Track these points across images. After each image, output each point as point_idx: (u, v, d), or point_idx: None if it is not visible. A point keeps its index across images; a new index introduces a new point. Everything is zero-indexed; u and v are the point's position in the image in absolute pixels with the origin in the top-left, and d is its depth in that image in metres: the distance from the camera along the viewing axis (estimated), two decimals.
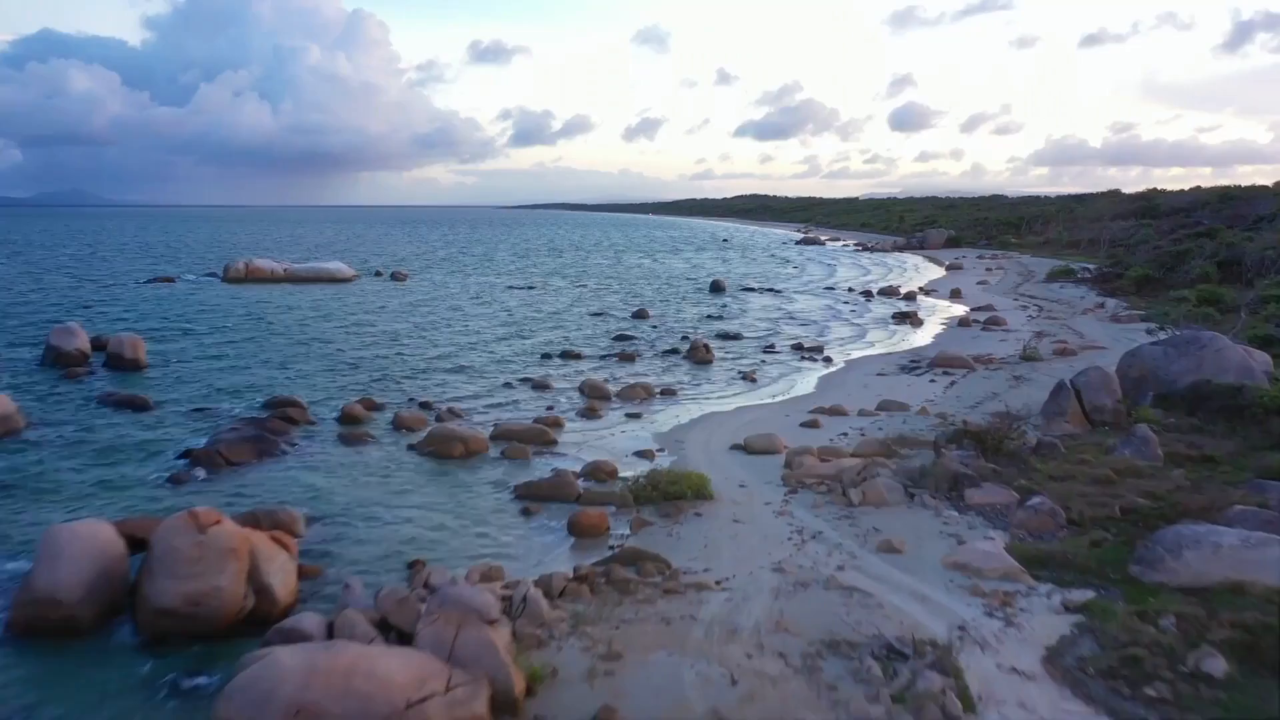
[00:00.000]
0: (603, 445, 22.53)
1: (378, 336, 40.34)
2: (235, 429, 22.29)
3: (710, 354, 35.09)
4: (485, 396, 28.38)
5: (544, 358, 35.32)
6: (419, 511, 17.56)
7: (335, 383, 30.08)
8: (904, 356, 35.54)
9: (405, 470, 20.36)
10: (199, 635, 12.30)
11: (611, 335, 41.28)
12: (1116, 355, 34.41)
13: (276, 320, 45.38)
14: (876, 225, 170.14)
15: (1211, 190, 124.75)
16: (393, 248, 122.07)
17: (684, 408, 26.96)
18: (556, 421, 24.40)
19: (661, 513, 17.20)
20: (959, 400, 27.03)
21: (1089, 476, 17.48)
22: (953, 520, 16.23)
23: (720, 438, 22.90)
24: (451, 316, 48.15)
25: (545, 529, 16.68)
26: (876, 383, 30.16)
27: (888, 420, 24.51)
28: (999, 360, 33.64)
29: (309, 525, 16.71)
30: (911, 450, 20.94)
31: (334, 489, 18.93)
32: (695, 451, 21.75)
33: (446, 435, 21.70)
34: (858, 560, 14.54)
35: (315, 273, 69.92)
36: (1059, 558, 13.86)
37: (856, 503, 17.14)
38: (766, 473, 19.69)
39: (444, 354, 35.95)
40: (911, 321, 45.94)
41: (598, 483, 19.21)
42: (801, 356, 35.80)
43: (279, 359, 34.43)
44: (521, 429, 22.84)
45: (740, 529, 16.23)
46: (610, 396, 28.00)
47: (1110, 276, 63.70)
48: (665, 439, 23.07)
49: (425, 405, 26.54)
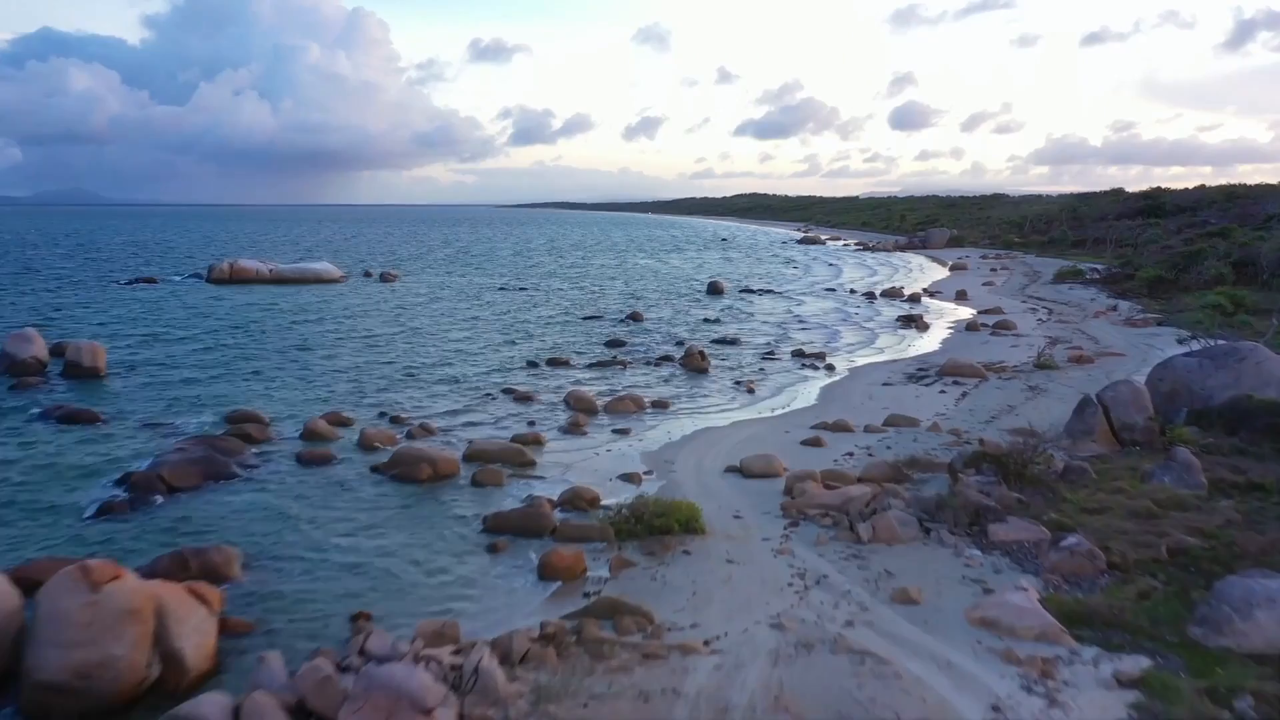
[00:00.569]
0: (586, 467, 20.57)
1: (357, 342, 38.38)
2: (182, 449, 20.34)
3: (706, 362, 33.14)
4: (464, 409, 26.41)
5: (530, 365, 33.36)
6: (374, 548, 15.60)
7: (305, 394, 28.13)
8: (911, 364, 33.60)
9: (365, 497, 18.40)
10: (90, 713, 10.36)
11: (603, 341, 39.31)
12: (1136, 363, 32.61)
13: (254, 324, 43.43)
14: (877, 224, 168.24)
15: (1217, 189, 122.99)
16: (389, 247, 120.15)
17: (676, 422, 25.00)
18: (536, 439, 22.44)
19: (646, 550, 15.26)
20: (972, 414, 25.08)
21: (1127, 509, 15.54)
22: (975, 561, 14.29)
23: (714, 458, 20.95)
24: (438, 320, 46.20)
25: (514, 570, 14.73)
26: (883, 394, 28.20)
27: (897, 437, 22.56)
28: (1012, 369, 31.69)
29: (246, 566, 14.77)
30: (924, 474, 19.02)
31: (282, 520, 16.97)
32: (686, 475, 19.80)
33: (413, 456, 19.74)
34: (869, 614, 12.60)
35: (301, 273, 67.98)
36: (1104, 614, 11.91)
37: (866, 539, 15.20)
38: (765, 500, 17.75)
39: (424, 362, 34.00)
40: (917, 325, 43.98)
41: (577, 512, 17.27)
42: (802, 364, 33.84)
43: (250, 367, 32.47)
44: (497, 449, 20.88)
45: (734, 571, 14.29)
46: (597, 410, 26.04)
47: (1120, 277, 61.79)
48: (654, 459, 21.11)
49: (397, 420, 24.60)
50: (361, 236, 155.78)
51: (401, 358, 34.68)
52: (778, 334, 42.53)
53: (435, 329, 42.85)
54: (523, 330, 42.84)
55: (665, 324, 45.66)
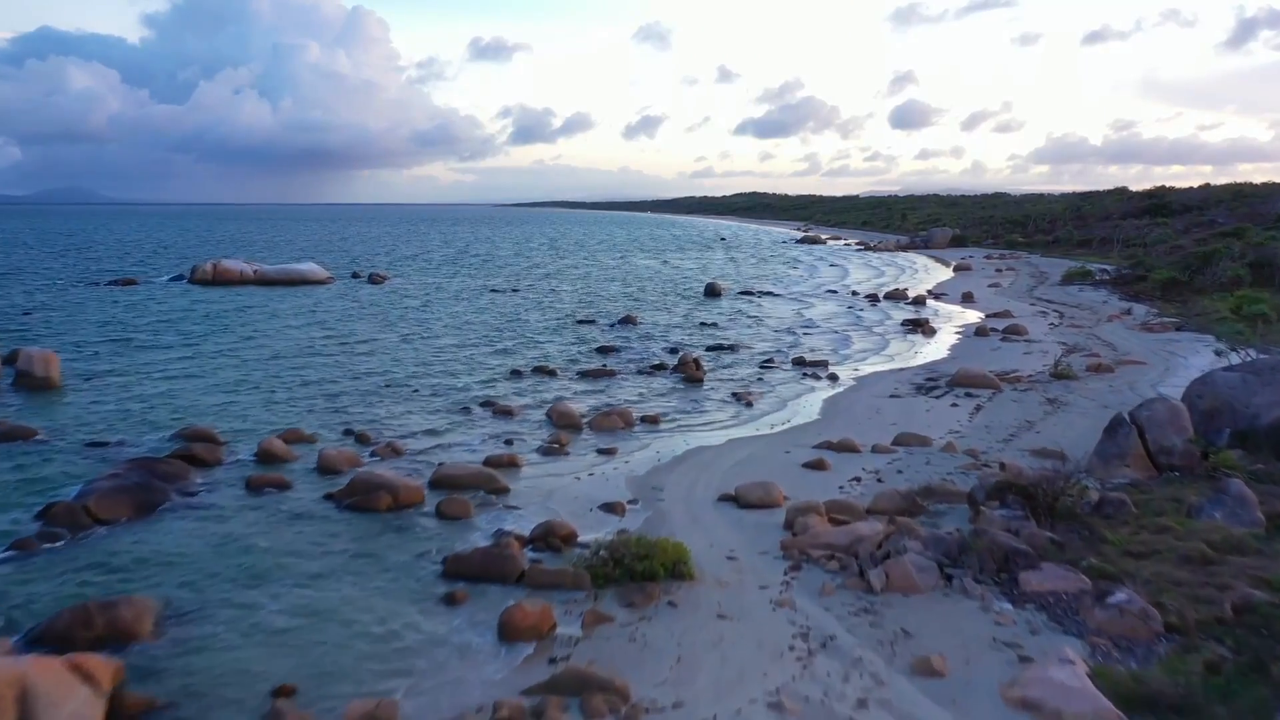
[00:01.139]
0: (565, 494, 18.56)
1: (333, 349, 36.37)
2: (117, 475, 18.32)
3: (701, 371, 31.15)
4: (438, 425, 24.42)
5: (514, 375, 31.35)
6: (313, 599, 13.58)
7: (270, 407, 26.13)
8: (919, 373, 31.60)
9: (313, 532, 16.40)
10: None
11: (594, 347, 37.30)
12: (1158, 371, 30.62)
13: (229, 330, 41.44)
14: (878, 224, 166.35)
15: (1224, 188, 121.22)
16: (388, 246, 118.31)
17: (667, 440, 23.01)
18: (512, 461, 20.44)
19: (625, 600, 13.27)
20: (989, 431, 23.09)
21: (1178, 553, 13.55)
22: (1006, 618, 12.30)
23: (706, 484, 18.95)
24: (422, 324, 44.17)
25: (471, 627, 12.72)
26: (890, 407, 26.22)
27: (908, 459, 20.57)
28: (1027, 378, 29.70)
29: (163, 621, 12.77)
30: (942, 505, 17.04)
31: (215, 561, 14.97)
32: (675, 504, 17.80)
33: (371, 484, 17.75)
34: (885, 689, 10.61)
35: (287, 275, 65.92)
36: (1169, 696, 9.90)
37: (878, 588, 13.21)
38: (762, 537, 15.77)
39: (402, 370, 32.00)
40: (923, 330, 41.98)
41: (550, 552, 15.29)
42: (804, 374, 31.83)
43: (215, 376, 30.48)
44: (467, 473, 18.87)
45: (726, 630, 12.30)
46: (581, 426, 24.06)
47: (1130, 279, 59.88)
48: (641, 485, 19.11)
49: (363, 439, 22.60)
50: (357, 236, 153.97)
51: (378, 366, 32.68)
52: (777, 340, 40.54)
53: (419, 334, 40.84)
54: (511, 335, 40.85)
55: (660, 328, 43.66)
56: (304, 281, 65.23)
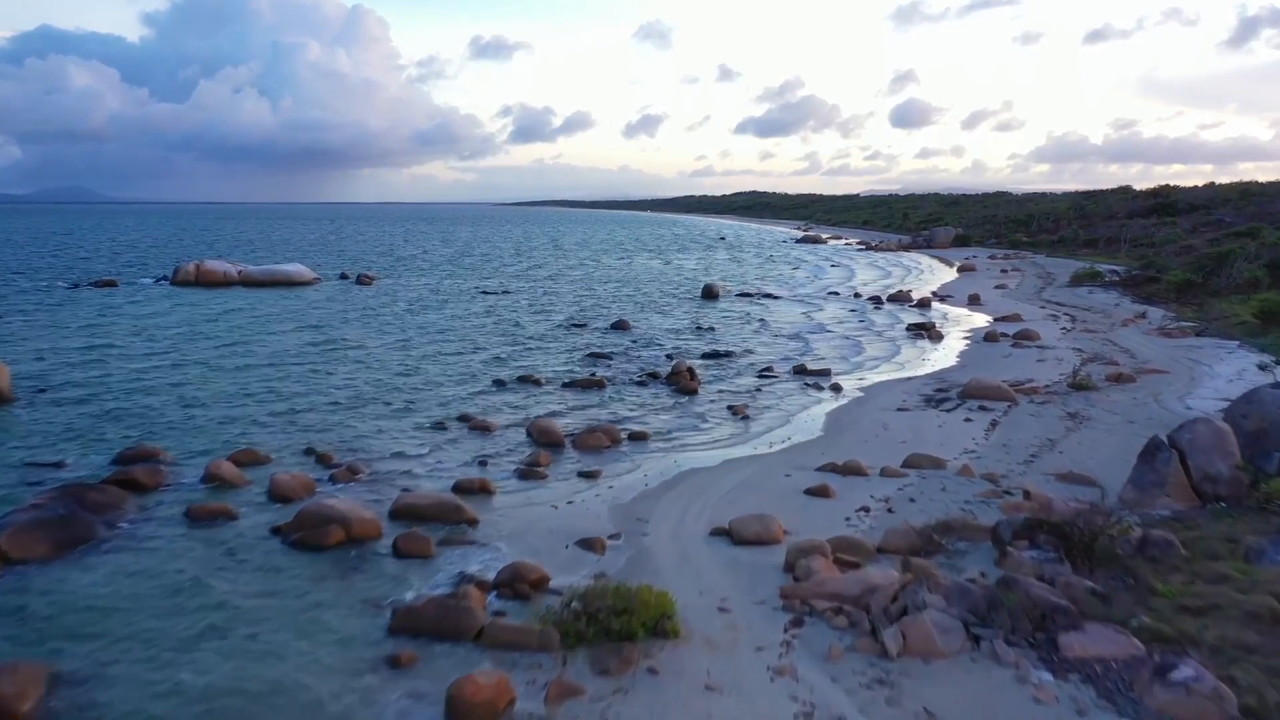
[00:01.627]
0: (539, 527, 16.64)
1: (308, 355, 34.47)
2: (39, 505, 16.41)
3: (695, 380, 29.24)
4: (408, 443, 22.49)
5: (497, 385, 29.44)
6: (232, 669, 11.63)
7: (230, 423, 24.22)
8: (928, 383, 29.68)
9: (250, 576, 14.48)
10: None
11: (583, 354, 35.39)
12: (1183, 381, 28.68)
13: (204, 335, 39.54)
14: (878, 223, 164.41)
15: (1231, 186, 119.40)
16: (381, 247, 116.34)
17: (656, 460, 21.10)
18: (484, 487, 18.54)
19: (598, 665, 11.37)
20: (1007, 451, 21.18)
21: (1242, 609, 11.63)
22: (1046, 693, 10.39)
23: (698, 514, 17.04)
24: (405, 328, 42.23)
25: (413, 701, 10.80)
26: (898, 422, 24.31)
27: (920, 485, 18.64)
28: (1044, 389, 27.78)
29: (54, 690, 10.87)
30: (964, 542, 15.12)
31: (132, 614, 13.06)
32: (661, 539, 15.89)
33: (322, 516, 15.83)
34: None
35: (272, 276, 64.06)
36: None
37: (894, 653, 11.30)
38: (759, 581, 13.86)
39: (376, 379, 30.09)
40: (930, 335, 40.05)
41: (517, 600, 13.38)
42: (805, 384, 29.90)
43: (179, 389, 28.55)
44: (431, 503, 16.94)
45: (716, 708, 10.39)
46: (564, 443, 22.16)
47: (1141, 280, 57.98)
48: (624, 515, 17.19)
49: (323, 459, 20.70)
50: (355, 235, 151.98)
51: (353, 375, 30.75)
52: (777, 345, 38.61)
53: (400, 340, 38.90)
54: (498, 341, 38.92)
55: (655, 333, 41.73)
56: (290, 283, 63.42)
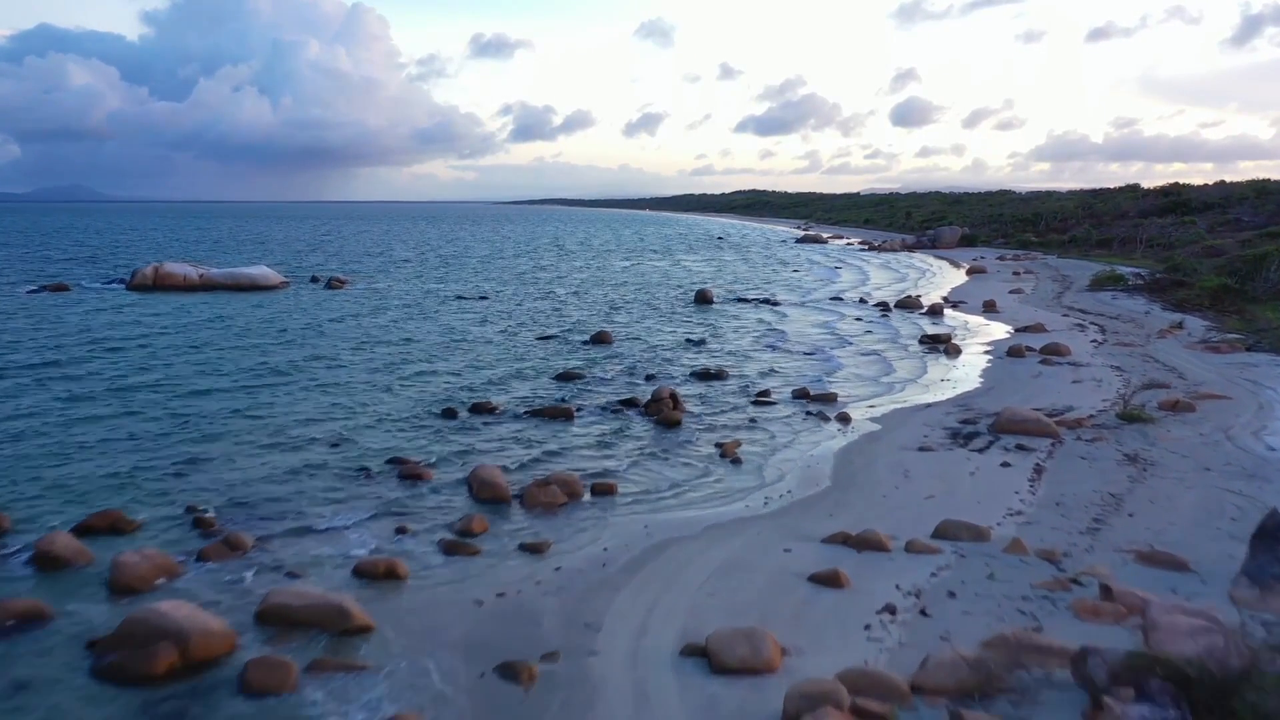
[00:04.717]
0: (452, 635, 12.30)
1: (236, 377, 30.11)
2: None
3: (679, 409, 24.97)
4: (316, 500, 18.16)
5: (445, 415, 25.12)
6: None
7: (103, 476, 19.81)
8: (950, 410, 25.41)
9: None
10: None
11: (553, 374, 31.10)
12: (1251, 411, 24.26)
13: (128, 351, 35.18)
14: (880, 222, 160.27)
15: (1247, 184, 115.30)
16: (383, 246, 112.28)
17: (621, 525, 16.78)
18: (391, 570, 14.23)
19: None
20: (1063, 513, 16.87)
21: None
22: None
23: (666, 617, 12.74)
24: (360, 342, 37.82)
25: None
26: (921, 466, 20.03)
27: (959, 566, 14.33)
28: (1089, 420, 23.51)
29: None
30: (1034, 677, 10.82)
31: None
32: (614, 661, 11.58)
33: (149, 629, 11.52)
34: None
35: (234, 279, 59.77)
36: None
37: None
38: None
39: (304, 409, 25.76)
40: (947, 349, 35.73)
41: None
42: (807, 412, 25.59)
43: (67, 429, 24.14)
44: (308, 605, 12.60)
45: None
46: (509, 499, 17.88)
47: (1167, 284, 53.71)
48: (570, 616, 12.87)
49: (204, 524, 16.41)
50: (352, 235, 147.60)
51: (279, 404, 26.38)
52: (774, 361, 34.30)
53: (350, 356, 34.52)
54: (459, 357, 34.59)
55: (637, 346, 37.44)
56: (254, 287, 59.22)
